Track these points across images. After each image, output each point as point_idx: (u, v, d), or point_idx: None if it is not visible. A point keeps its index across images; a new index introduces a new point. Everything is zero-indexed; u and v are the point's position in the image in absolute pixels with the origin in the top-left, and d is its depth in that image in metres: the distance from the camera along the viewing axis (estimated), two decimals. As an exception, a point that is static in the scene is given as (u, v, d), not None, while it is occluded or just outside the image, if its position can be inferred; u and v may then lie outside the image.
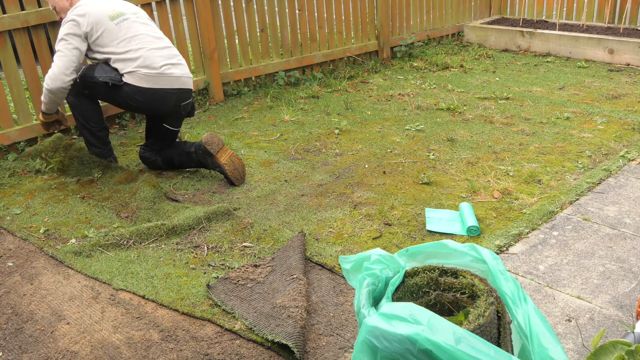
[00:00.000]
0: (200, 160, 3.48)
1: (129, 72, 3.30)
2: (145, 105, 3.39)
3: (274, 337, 2.11)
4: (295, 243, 2.70)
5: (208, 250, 2.78)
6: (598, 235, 2.75)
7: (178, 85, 3.41)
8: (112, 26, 3.33)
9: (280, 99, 4.96)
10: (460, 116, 4.40)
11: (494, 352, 1.37)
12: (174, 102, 3.43)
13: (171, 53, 3.45)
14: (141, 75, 3.30)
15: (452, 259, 1.76)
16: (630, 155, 3.55)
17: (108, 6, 3.39)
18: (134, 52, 3.31)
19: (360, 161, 3.68)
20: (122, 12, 3.40)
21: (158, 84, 3.34)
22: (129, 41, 3.33)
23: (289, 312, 2.20)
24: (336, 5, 5.57)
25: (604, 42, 5.67)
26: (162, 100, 3.39)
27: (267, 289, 2.42)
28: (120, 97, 3.37)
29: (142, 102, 3.37)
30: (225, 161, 3.39)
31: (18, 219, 3.18)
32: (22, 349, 2.20)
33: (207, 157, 3.43)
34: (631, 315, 2.20)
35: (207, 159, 3.44)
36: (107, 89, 3.34)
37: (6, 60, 3.83)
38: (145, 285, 2.54)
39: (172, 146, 3.62)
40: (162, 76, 3.34)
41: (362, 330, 1.47)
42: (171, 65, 3.39)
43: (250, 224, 2.96)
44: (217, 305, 2.37)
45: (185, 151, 3.55)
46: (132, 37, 3.34)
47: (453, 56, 6.13)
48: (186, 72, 3.47)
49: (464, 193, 3.21)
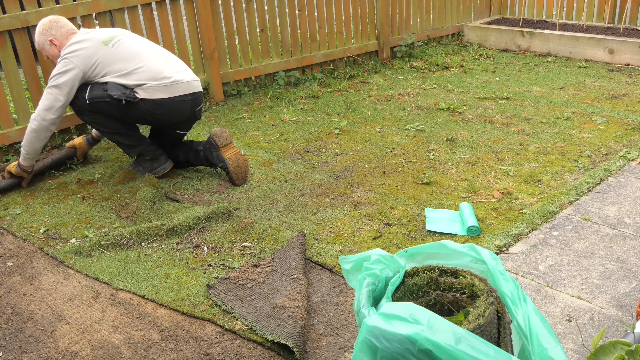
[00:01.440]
0: (207, 156, 3.47)
1: (139, 86, 3.25)
2: (163, 117, 3.35)
3: (274, 337, 2.11)
4: (296, 243, 2.70)
5: (208, 250, 2.78)
6: (598, 235, 2.75)
7: (191, 90, 3.38)
8: (107, 50, 3.27)
9: (280, 99, 4.97)
10: (460, 116, 4.40)
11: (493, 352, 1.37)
12: (190, 109, 3.41)
13: (172, 60, 3.43)
14: (154, 87, 3.25)
15: (451, 259, 1.76)
16: (630, 155, 3.54)
17: (100, 35, 3.33)
18: (137, 67, 3.26)
19: (360, 161, 3.68)
20: (114, 35, 3.35)
21: (174, 92, 3.30)
22: (128, 60, 3.27)
23: (289, 312, 2.20)
24: (336, 5, 5.57)
25: (604, 42, 5.67)
26: (180, 108, 3.36)
27: (267, 289, 2.42)
28: (136, 113, 3.30)
29: (159, 115, 3.33)
30: (230, 156, 3.40)
31: (18, 219, 3.18)
32: (22, 349, 2.20)
33: (213, 150, 3.43)
34: (631, 315, 2.20)
35: (212, 153, 3.44)
36: (120, 107, 3.26)
37: (6, 60, 3.83)
38: (145, 285, 2.54)
39: (178, 146, 3.62)
40: (174, 84, 3.30)
41: (362, 330, 1.47)
42: (176, 71, 3.36)
43: (250, 224, 2.96)
44: (217, 305, 2.37)
45: (193, 149, 3.55)
46: (131, 55, 3.29)
47: (453, 56, 6.13)
48: (193, 75, 3.45)
49: (464, 193, 3.21)
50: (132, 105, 3.26)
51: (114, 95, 3.21)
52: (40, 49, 3.45)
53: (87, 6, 4.04)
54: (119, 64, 3.26)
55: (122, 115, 3.33)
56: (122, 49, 3.30)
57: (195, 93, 3.41)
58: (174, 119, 3.41)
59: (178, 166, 3.66)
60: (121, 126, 3.42)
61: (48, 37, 3.37)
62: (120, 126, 3.42)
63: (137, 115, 3.33)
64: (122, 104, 3.24)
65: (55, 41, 3.36)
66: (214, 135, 3.42)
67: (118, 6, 4.20)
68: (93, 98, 3.27)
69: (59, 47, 3.36)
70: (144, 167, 3.52)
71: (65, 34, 3.38)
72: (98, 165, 3.78)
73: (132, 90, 3.25)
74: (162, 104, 3.29)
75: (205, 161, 3.51)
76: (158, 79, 3.27)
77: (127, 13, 4.33)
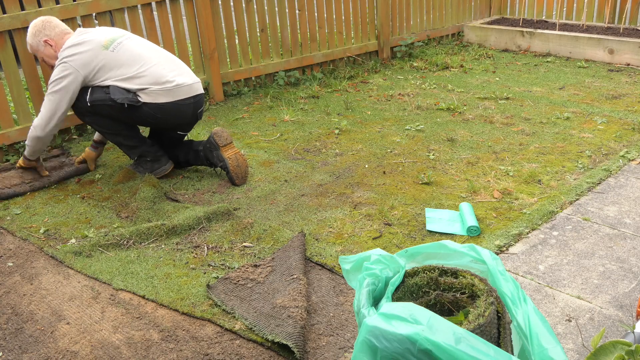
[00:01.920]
0: (207, 156, 3.47)
1: (142, 90, 3.23)
2: (165, 120, 3.34)
3: (274, 337, 2.11)
4: (295, 243, 2.70)
5: (208, 250, 2.78)
6: (598, 235, 2.75)
7: (193, 92, 3.37)
8: (108, 55, 3.24)
9: (280, 99, 4.96)
10: (460, 116, 4.40)
11: (493, 352, 1.37)
12: (192, 111, 3.41)
13: (174, 62, 3.41)
14: (157, 91, 3.24)
15: (451, 259, 1.76)
16: (630, 155, 3.54)
17: (99, 37, 3.29)
18: (139, 72, 3.24)
19: (360, 161, 3.68)
20: (114, 38, 3.31)
21: (176, 96, 3.29)
22: (130, 65, 3.24)
23: (289, 312, 2.20)
24: (336, 5, 5.57)
25: (604, 42, 5.67)
26: (183, 111, 3.35)
27: (267, 289, 2.42)
28: (138, 117, 3.29)
29: (161, 119, 3.32)
30: (230, 156, 3.39)
31: (18, 219, 3.18)
32: (22, 349, 2.20)
33: (213, 150, 3.43)
34: (631, 315, 2.20)
35: (212, 153, 3.43)
36: (123, 110, 3.24)
37: (6, 60, 3.83)
38: (145, 285, 2.54)
39: (178, 146, 3.62)
40: (177, 88, 3.29)
41: (362, 330, 1.47)
42: (178, 74, 3.34)
43: (250, 224, 2.96)
44: (217, 305, 2.37)
45: (193, 149, 3.54)
46: (132, 59, 3.26)
47: (453, 56, 6.13)
48: (194, 77, 3.43)
49: (464, 193, 3.21)
50: (135, 109, 3.25)
51: (117, 100, 3.20)
52: (34, 52, 3.41)
53: (87, 6, 4.04)
54: (121, 69, 3.24)
55: (124, 118, 3.32)
56: (123, 53, 3.27)
57: (197, 95, 3.41)
58: (176, 121, 3.40)
59: (178, 166, 3.66)
60: (122, 127, 3.41)
61: (42, 38, 3.33)
62: (121, 127, 3.41)
63: (139, 119, 3.32)
64: (124, 108, 3.23)
65: (50, 41, 3.33)
66: (215, 135, 3.42)
67: (118, 6, 4.19)
68: (95, 100, 3.26)
69: (55, 48, 3.33)
70: (145, 167, 3.52)
71: (59, 33, 3.35)
72: (98, 165, 3.78)
73: (135, 94, 3.24)
74: (165, 107, 3.28)
75: (205, 161, 3.51)
76: (160, 83, 3.25)
77: (127, 13, 4.33)
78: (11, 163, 3.80)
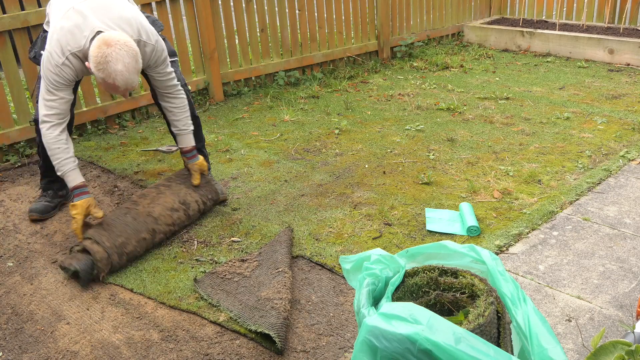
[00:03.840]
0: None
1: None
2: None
3: (257, 327, 2.15)
4: (282, 238, 2.74)
5: (197, 245, 2.80)
6: (598, 235, 2.75)
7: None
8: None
9: (280, 99, 4.96)
10: (460, 116, 4.39)
11: (493, 352, 1.37)
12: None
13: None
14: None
15: (451, 260, 1.76)
16: (630, 155, 3.54)
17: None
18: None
19: (360, 161, 3.68)
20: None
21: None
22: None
23: (273, 304, 2.24)
24: (336, 5, 5.56)
25: (604, 42, 5.67)
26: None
27: (253, 282, 2.45)
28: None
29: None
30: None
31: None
32: (22, 349, 2.20)
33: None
34: (631, 315, 2.20)
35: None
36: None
37: (6, 60, 3.83)
38: (134, 279, 2.58)
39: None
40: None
41: (362, 330, 1.47)
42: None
43: (239, 220, 2.99)
44: (203, 298, 2.39)
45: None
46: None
47: (453, 56, 6.13)
48: None
49: (464, 193, 3.20)
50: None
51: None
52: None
53: (87, 6, 4.04)
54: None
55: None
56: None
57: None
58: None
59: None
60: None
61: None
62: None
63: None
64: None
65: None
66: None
67: (118, 6, 4.19)
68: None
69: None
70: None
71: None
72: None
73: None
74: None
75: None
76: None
77: (127, 13, 4.32)
78: (11, 163, 3.80)
